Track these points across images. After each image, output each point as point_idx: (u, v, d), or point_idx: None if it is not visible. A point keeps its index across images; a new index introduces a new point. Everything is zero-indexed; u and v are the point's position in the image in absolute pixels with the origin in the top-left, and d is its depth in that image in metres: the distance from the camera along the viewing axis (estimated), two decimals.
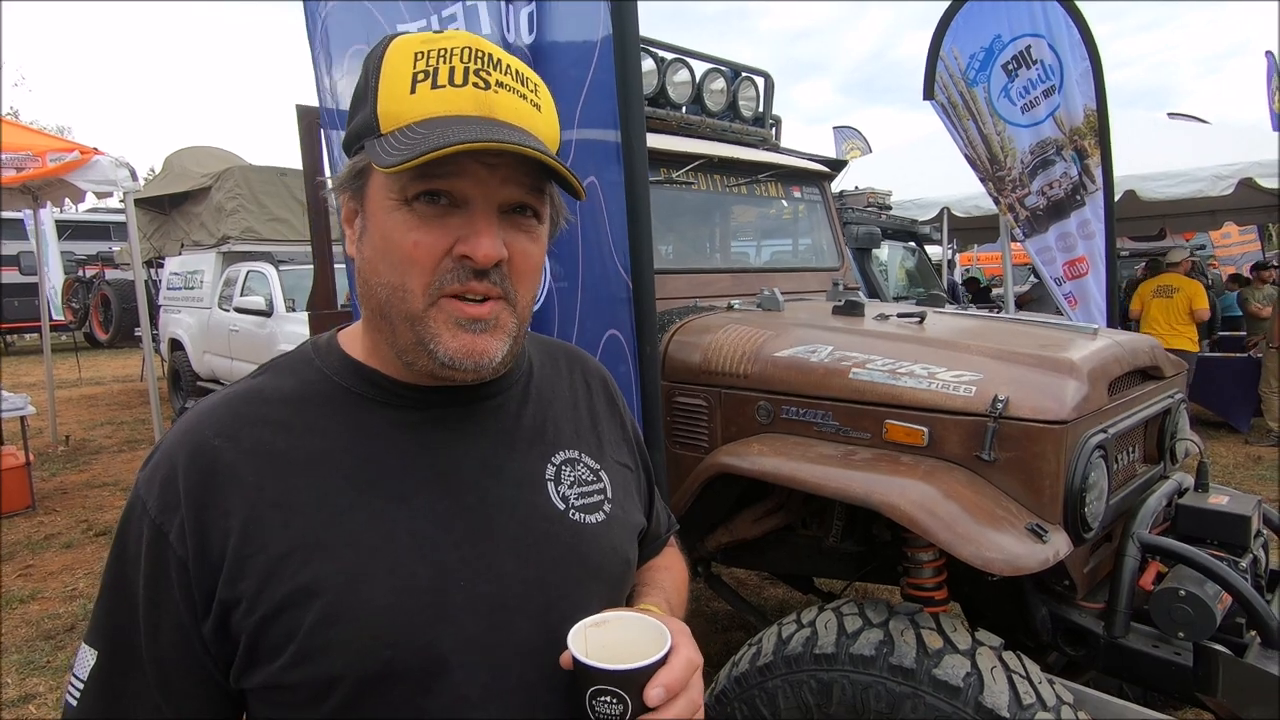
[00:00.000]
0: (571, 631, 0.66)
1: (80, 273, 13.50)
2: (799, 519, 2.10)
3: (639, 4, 1.81)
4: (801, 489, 1.72)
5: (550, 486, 0.74)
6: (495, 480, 0.71)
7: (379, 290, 0.66)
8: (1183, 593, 1.52)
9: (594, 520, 0.75)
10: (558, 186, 0.71)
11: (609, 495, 0.79)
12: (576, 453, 0.79)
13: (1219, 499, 1.86)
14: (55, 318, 10.07)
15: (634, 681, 0.62)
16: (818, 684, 1.54)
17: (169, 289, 8.97)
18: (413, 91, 0.63)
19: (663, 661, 0.64)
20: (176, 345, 8.49)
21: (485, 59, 0.65)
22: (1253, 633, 1.57)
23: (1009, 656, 1.48)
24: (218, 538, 0.63)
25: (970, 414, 1.63)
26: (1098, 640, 1.67)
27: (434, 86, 0.63)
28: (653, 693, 0.62)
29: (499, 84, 0.65)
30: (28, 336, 11.31)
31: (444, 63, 0.64)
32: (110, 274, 12.66)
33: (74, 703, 0.67)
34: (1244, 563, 1.70)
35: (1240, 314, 7.94)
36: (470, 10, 1.85)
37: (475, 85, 0.64)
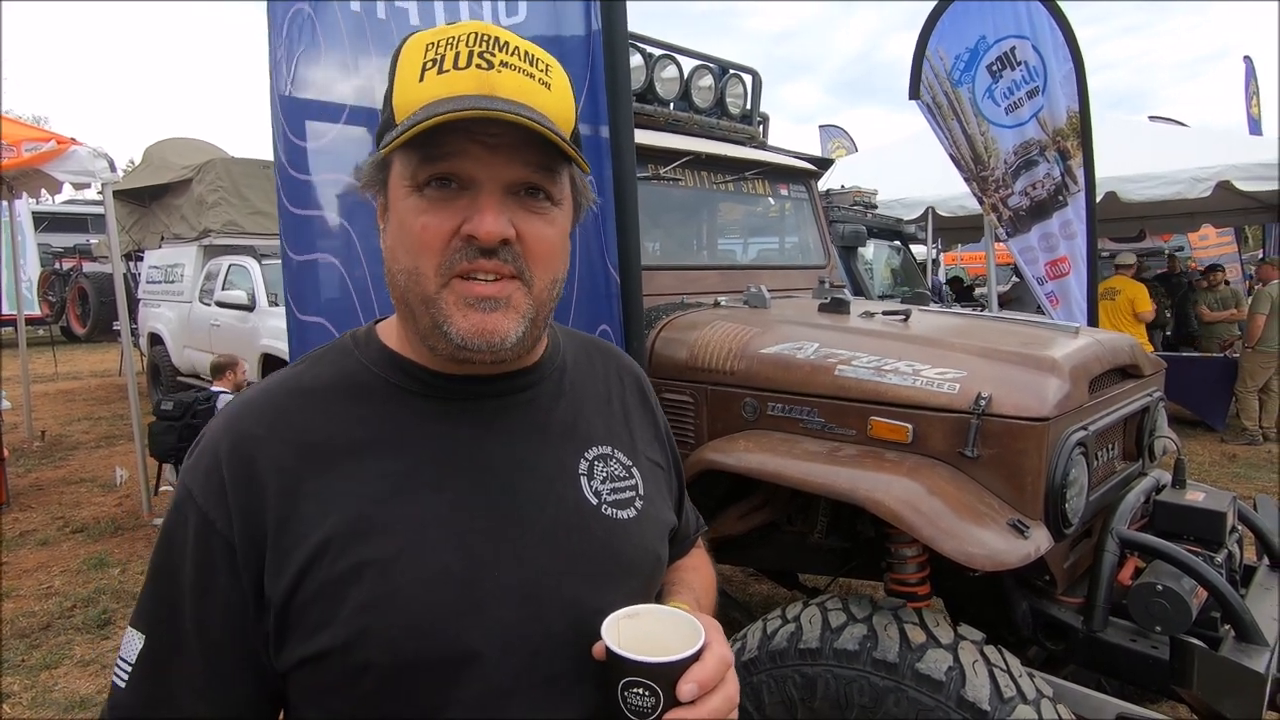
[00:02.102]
0: (605, 621, 0.66)
1: (57, 265, 13.26)
2: (784, 515, 2.11)
3: (628, 1, 1.81)
4: (787, 485, 1.73)
5: (583, 481, 0.75)
6: (528, 473, 0.72)
7: (399, 276, 0.67)
8: (1160, 587, 1.55)
9: (626, 516, 0.76)
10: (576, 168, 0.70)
11: (641, 492, 0.79)
12: (609, 448, 0.79)
13: (1195, 495, 1.89)
14: (31, 311, 9.88)
15: (667, 675, 0.62)
16: (802, 679, 1.55)
17: (149, 282, 8.84)
18: (421, 80, 0.65)
19: (696, 656, 0.64)
20: (156, 340, 8.37)
21: (490, 41, 0.65)
22: (1227, 627, 1.60)
23: (990, 650, 1.50)
24: (261, 525, 0.64)
25: (954, 411, 1.64)
26: (1077, 634, 1.69)
27: (439, 72, 0.64)
28: (686, 688, 0.62)
29: (503, 64, 0.65)
30: (3, 330, 11.14)
31: (449, 49, 0.65)
32: (88, 267, 12.44)
33: (121, 684, 0.68)
34: (1219, 558, 1.73)
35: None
36: (451, 9, 1.84)
37: (478, 66, 0.64)
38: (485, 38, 0.65)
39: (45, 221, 14.06)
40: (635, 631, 0.66)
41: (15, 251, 7.30)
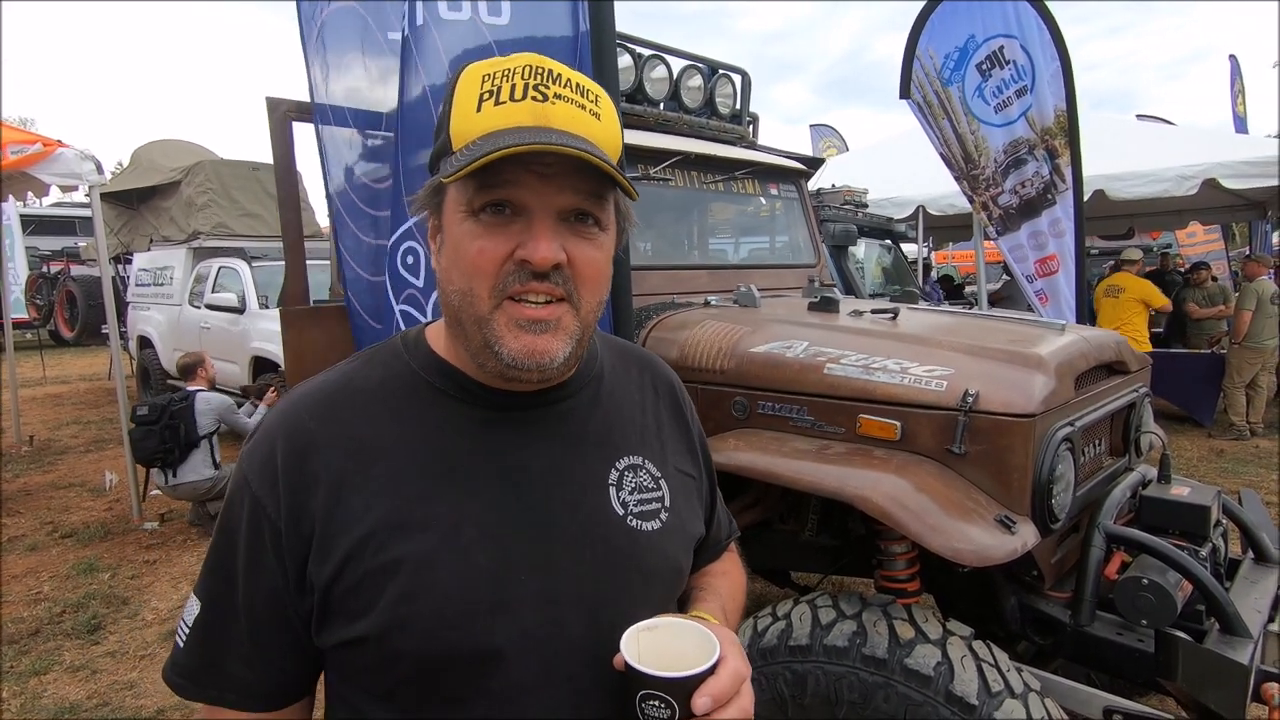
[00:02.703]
0: (625, 635, 0.68)
1: (44, 269, 13.14)
2: (775, 513, 2.12)
3: (615, 1, 1.81)
4: (777, 484, 1.74)
5: (612, 491, 0.77)
6: (560, 481, 0.75)
7: (453, 296, 0.71)
8: (1146, 581, 1.57)
9: (651, 528, 0.78)
10: (622, 193, 0.73)
11: (667, 504, 0.81)
12: (640, 459, 0.81)
13: (1180, 490, 1.91)
14: (18, 315, 9.78)
15: (682, 689, 0.64)
16: (792, 675, 1.56)
17: (138, 285, 8.77)
18: (478, 110, 0.68)
19: (711, 671, 0.66)
20: (145, 343, 8.31)
21: (545, 74, 0.69)
22: (1211, 619, 1.62)
23: (979, 645, 1.51)
24: (309, 514, 0.69)
25: (941, 408, 1.65)
26: (1065, 629, 1.70)
27: (496, 104, 0.68)
28: (699, 701, 0.64)
29: (556, 96, 0.68)
30: None
31: (506, 81, 0.68)
32: (76, 270, 12.34)
33: (181, 645, 0.75)
34: (1204, 552, 1.75)
35: None
36: (430, 9, 1.84)
37: (533, 99, 0.67)
38: (540, 70, 0.69)
39: (32, 224, 13.94)
40: (654, 644, 0.68)
41: (2, 255, 7.23)
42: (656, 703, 0.64)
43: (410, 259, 1.89)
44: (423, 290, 1.87)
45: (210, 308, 6.91)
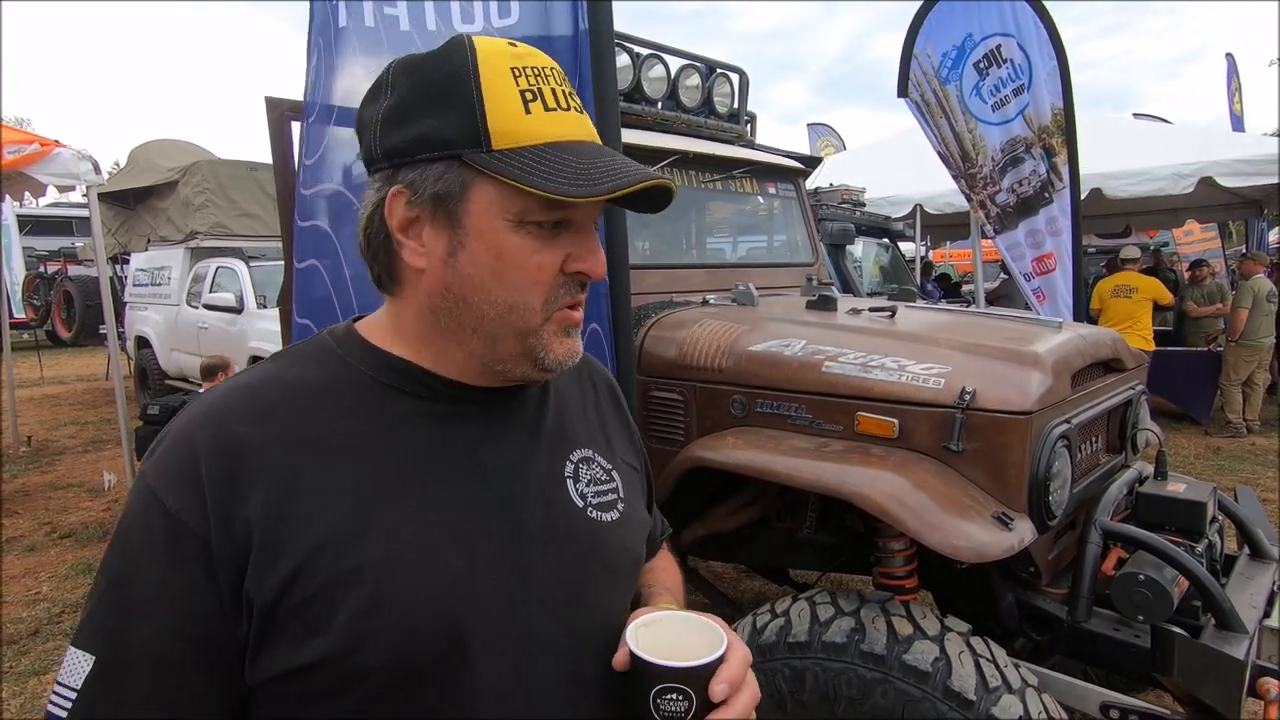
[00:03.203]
0: (626, 632, 0.68)
1: (42, 269, 13.12)
2: (774, 511, 2.13)
3: (614, 1, 1.82)
4: (776, 481, 1.74)
5: (569, 484, 0.76)
6: (521, 475, 0.72)
7: (486, 308, 0.67)
8: (1142, 577, 1.57)
9: (609, 519, 0.77)
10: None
11: (621, 494, 0.80)
12: (590, 451, 0.80)
13: (1177, 487, 1.92)
14: (16, 315, 9.77)
15: (700, 678, 0.64)
16: (791, 672, 1.57)
17: (135, 285, 8.76)
18: (528, 112, 0.64)
19: (723, 658, 0.65)
20: (143, 343, 8.31)
21: (565, 79, 0.68)
22: (1208, 615, 1.63)
23: (976, 641, 1.52)
24: (245, 524, 0.60)
25: (939, 406, 1.66)
26: (1062, 625, 1.71)
27: (546, 109, 0.65)
28: (718, 688, 0.64)
29: (579, 107, 0.69)
30: None
31: (544, 83, 0.66)
32: (73, 270, 12.32)
33: (63, 714, 0.60)
34: (1200, 548, 1.76)
35: None
36: (442, 10, 1.84)
37: (574, 109, 0.67)
38: (556, 72, 0.67)
39: (29, 225, 13.91)
40: (656, 638, 0.67)
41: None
42: (674, 695, 0.63)
43: None
44: None
45: (208, 307, 6.90)
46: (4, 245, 7.71)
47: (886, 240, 6.51)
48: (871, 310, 2.24)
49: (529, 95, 0.64)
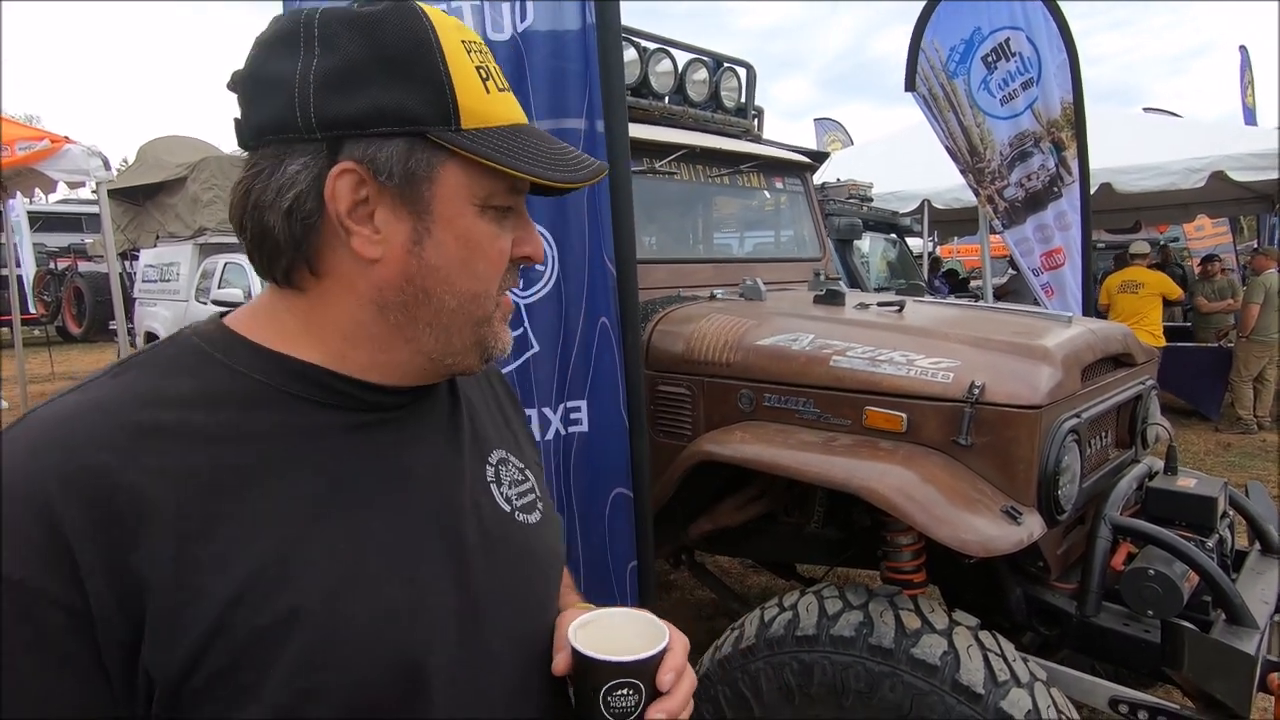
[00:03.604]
0: (567, 634, 0.67)
1: (52, 265, 13.21)
2: (781, 506, 2.13)
3: None
4: (783, 475, 1.74)
5: (494, 488, 0.72)
6: (449, 481, 0.67)
7: (447, 299, 0.61)
8: (1152, 572, 1.57)
9: (533, 520, 0.74)
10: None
11: (538, 493, 0.77)
12: (505, 452, 0.76)
13: (1187, 482, 1.91)
14: (27, 311, 9.85)
15: (648, 670, 0.64)
16: (799, 665, 1.57)
17: (144, 281, 8.82)
18: (486, 91, 0.61)
19: (670, 646, 0.66)
20: (153, 338, 8.34)
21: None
22: (1218, 610, 1.62)
23: (985, 636, 1.52)
24: (133, 580, 0.49)
25: (947, 400, 1.66)
26: (1070, 619, 1.71)
27: (499, 90, 0.62)
28: (665, 677, 0.63)
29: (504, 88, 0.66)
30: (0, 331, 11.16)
31: (489, 62, 0.62)
32: (83, 266, 12.40)
33: None
34: (1210, 543, 1.75)
35: None
36: (475, 9, 1.83)
37: (509, 90, 0.64)
38: (489, 50, 0.65)
39: (40, 221, 13.99)
40: (597, 636, 0.67)
41: (11, 251, 7.27)
42: (624, 690, 0.63)
43: None
44: None
45: (216, 303, 6.92)
46: (16, 241, 7.76)
47: (894, 235, 6.49)
48: (879, 305, 2.23)
49: (483, 73, 0.60)
